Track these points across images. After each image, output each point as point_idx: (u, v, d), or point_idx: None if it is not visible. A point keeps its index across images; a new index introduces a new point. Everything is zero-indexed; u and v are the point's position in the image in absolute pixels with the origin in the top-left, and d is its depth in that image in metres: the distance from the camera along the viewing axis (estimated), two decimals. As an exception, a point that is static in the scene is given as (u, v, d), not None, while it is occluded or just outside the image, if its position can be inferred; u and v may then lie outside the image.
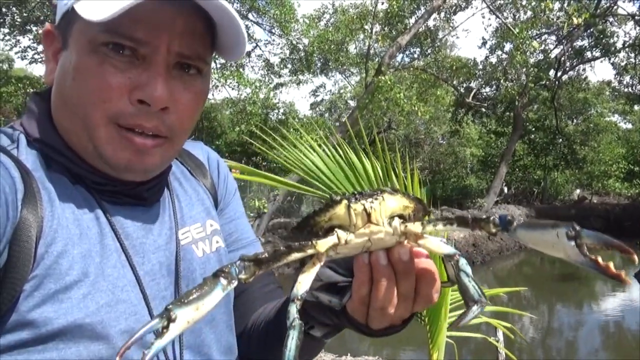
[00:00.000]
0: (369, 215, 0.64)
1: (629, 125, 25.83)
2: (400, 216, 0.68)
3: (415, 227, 0.67)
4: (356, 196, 0.65)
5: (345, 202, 0.65)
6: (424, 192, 2.49)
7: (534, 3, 13.23)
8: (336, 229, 0.66)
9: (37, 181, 0.71)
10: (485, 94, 21.04)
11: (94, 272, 0.70)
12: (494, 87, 20.45)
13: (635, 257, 0.55)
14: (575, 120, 22.14)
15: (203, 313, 0.56)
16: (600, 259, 0.57)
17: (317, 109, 26.30)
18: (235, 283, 0.58)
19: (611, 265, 0.56)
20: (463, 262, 0.66)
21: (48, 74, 0.78)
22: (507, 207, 18.05)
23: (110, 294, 0.71)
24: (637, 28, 18.08)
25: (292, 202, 16.23)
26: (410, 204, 0.69)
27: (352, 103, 23.22)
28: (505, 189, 20.87)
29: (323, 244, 0.65)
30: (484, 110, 20.72)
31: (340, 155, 2.51)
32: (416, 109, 13.10)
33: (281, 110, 19.33)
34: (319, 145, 2.68)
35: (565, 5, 15.81)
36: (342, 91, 25.11)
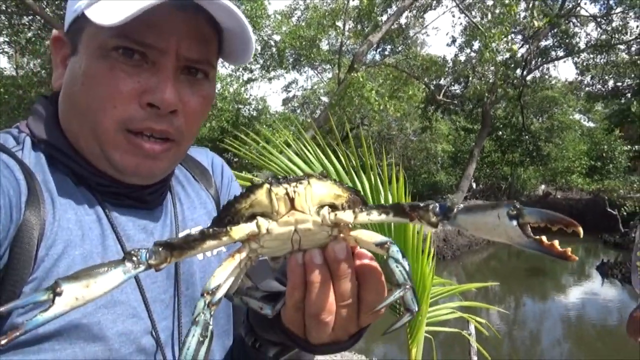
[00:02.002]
0: (292, 201, 0.58)
1: (591, 124, 26.79)
2: (332, 206, 0.61)
3: (346, 216, 0.60)
4: (279, 180, 0.59)
5: (266, 186, 0.59)
6: (401, 188, 2.51)
7: (499, 6, 13.53)
8: (257, 217, 0.60)
9: (41, 183, 0.71)
10: (454, 91, 21.44)
11: None
12: (463, 84, 20.86)
13: (580, 230, 0.52)
14: (540, 118, 22.78)
15: (96, 293, 0.51)
16: (544, 239, 0.53)
17: (290, 104, 26.25)
18: (142, 268, 0.54)
19: (556, 243, 0.52)
20: (394, 249, 0.60)
21: (56, 79, 0.78)
22: (476, 203, 18.46)
23: (109, 296, 0.69)
24: (598, 29, 18.78)
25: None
26: (343, 193, 0.62)
27: (324, 99, 23.26)
28: (474, 185, 21.34)
29: (238, 232, 0.58)
30: (453, 107, 21.11)
31: (313, 152, 2.52)
32: (388, 106, 13.23)
33: (253, 106, 19.20)
34: (293, 141, 2.68)
35: (530, 6, 16.22)
36: (315, 87, 25.12)
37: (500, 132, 21.95)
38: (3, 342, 0.47)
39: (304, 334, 0.66)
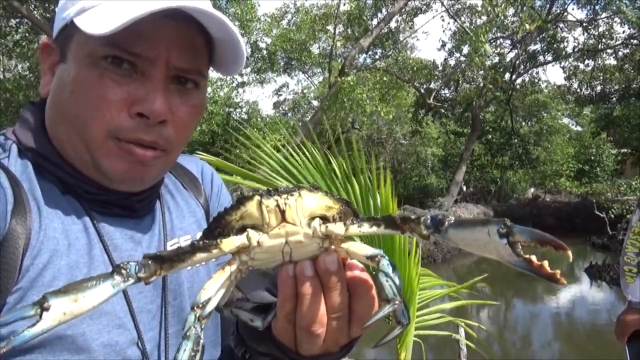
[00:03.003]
0: (283, 212, 0.58)
1: (579, 128, 27.10)
2: (323, 218, 0.61)
3: (337, 228, 0.60)
4: (270, 192, 0.59)
5: (257, 198, 0.58)
6: (389, 191, 2.52)
7: (489, 9, 13.68)
8: (248, 229, 0.59)
9: (27, 191, 0.70)
10: (444, 95, 21.59)
11: None
12: (453, 88, 21.01)
13: (569, 253, 0.52)
14: (529, 122, 23.00)
15: (85, 308, 0.50)
16: (534, 259, 0.53)
17: (281, 108, 26.24)
18: (131, 281, 0.54)
19: (546, 264, 0.52)
20: (384, 263, 0.60)
21: (44, 86, 0.78)
22: (467, 206, 18.57)
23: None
24: (585, 34, 19.02)
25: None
26: (334, 204, 0.62)
27: (315, 103, 23.28)
28: (464, 188, 21.46)
29: (228, 244, 0.58)
30: (443, 111, 21.24)
31: (305, 156, 2.51)
32: (379, 109, 13.28)
33: (244, 109, 19.18)
34: (283, 146, 2.67)
35: (519, 11, 16.42)
36: (305, 91, 25.14)
37: (490, 136, 22.12)
38: None
39: (295, 346, 0.65)
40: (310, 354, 0.65)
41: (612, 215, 13.86)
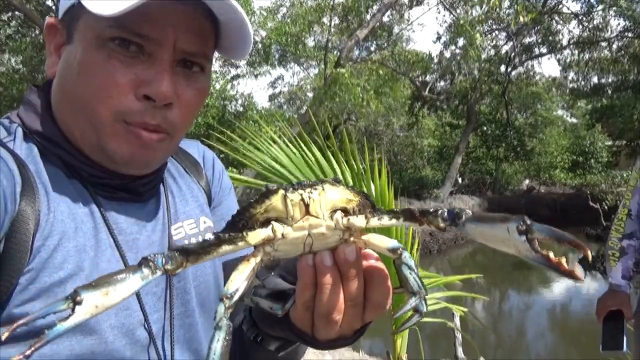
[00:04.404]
0: (307, 206, 0.60)
1: (574, 120, 27.17)
2: (344, 210, 0.63)
3: (358, 220, 0.62)
4: (294, 186, 0.60)
5: (281, 192, 0.60)
6: (386, 183, 2.54)
7: (484, 3, 13.65)
8: (272, 222, 0.61)
9: (34, 174, 0.71)
10: (440, 87, 21.58)
11: (88, 266, 0.71)
12: (449, 80, 20.99)
13: (588, 253, 0.53)
14: (524, 114, 23.03)
15: (115, 300, 0.52)
16: (552, 255, 0.54)
17: (276, 100, 26.16)
18: (159, 273, 0.56)
19: (563, 261, 0.54)
20: (406, 256, 0.63)
21: (50, 66, 0.78)
22: (462, 197, 18.65)
23: None
24: (580, 26, 19.03)
25: (250, 196, 16.09)
26: (354, 197, 0.64)
27: (311, 95, 23.22)
28: (459, 180, 21.52)
29: (254, 236, 0.60)
30: (439, 103, 21.24)
31: (300, 149, 2.52)
32: (372, 104, 13.27)
33: (239, 102, 19.10)
34: (279, 137, 2.68)
35: (514, 3, 16.39)
36: (301, 83, 25.07)
37: (485, 128, 22.15)
38: (28, 352, 0.48)
39: (312, 331, 0.67)
40: (327, 338, 0.68)
41: (606, 207, 13.94)
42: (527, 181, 23.63)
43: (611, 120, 21.04)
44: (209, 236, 0.86)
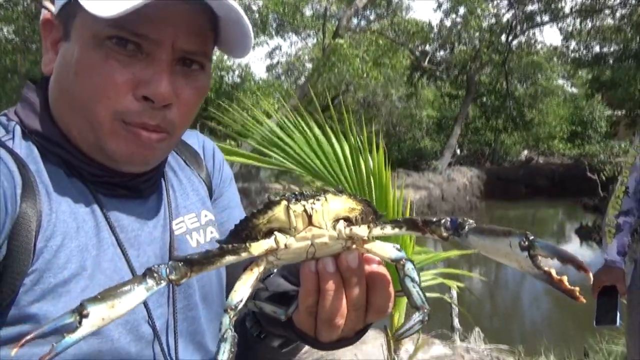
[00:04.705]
0: (310, 217, 0.60)
1: (574, 90, 26.95)
2: (347, 219, 0.63)
3: (361, 230, 0.62)
4: (297, 196, 0.60)
5: (284, 202, 0.60)
6: (381, 156, 2.53)
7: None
8: (275, 232, 0.61)
9: (34, 174, 0.70)
10: (440, 57, 21.29)
11: (91, 265, 0.71)
12: (448, 50, 20.71)
13: (590, 275, 0.53)
14: (524, 84, 22.83)
15: (121, 312, 0.53)
16: (554, 272, 0.54)
17: (274, 71, 25.84)
18: (163, 284, 0.56)
19: (565, 279, 0.54)
20: (409, 267, 0.63)
21: (46, 63, 0.76)
22: (460, 169, 18.68)
23: (106, 287, 0.71)
24: (584, -7, 18.65)
25: (250, 167, 16.10)
26: (357, 206, 0.64)
27: (309, 66, 22.93)
28: (458, 151, 21.51)
29: (257, 248, 0.60)
30: (438, 73, 21.01)
31: (297, 124, 2.49)
32: (371, 74, 13.12)
33: (237, 73, 18.87)
34: (277, 109, 2.65)
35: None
36: (299, 53, 24.71)
37: (485, 99, 22.00)
38: None
39: (314, 333, 0.68)
40: (329, 340, 0.69)
41: (604, 177, 13.99)
42: (525, 152, 23.63)
43: (611, 92, 20.88)
44: (212, 230, 0.88)
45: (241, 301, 0.60)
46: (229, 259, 0.60)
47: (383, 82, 18.06)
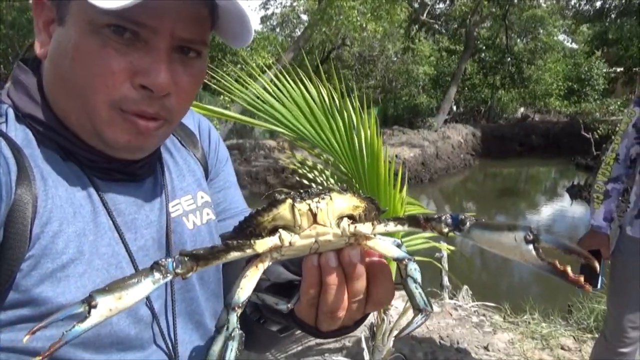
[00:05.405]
0: (314, 215, 0.60)
1: (575, 45, 26.47)
2: (350, 216, 0.64)
3: (365, 228, 0.63)
4: (302, 195, 0.61)
5: (289, 201, 0.61)
6: (375, 112, 2.50)
7: None
8: (280, 230, 0.62)
9: (29, 158, 0.69)
10: (439, 10, 20.73)
11: (88, 250, 0.71)
12: (448, 3, 20.13)
13: (596, 264, 0.54)
14: (524, 39, 22.37)
15: (128, 303, 0.54)
16: (558, 263, 0.55)
17: (268, 23, 25.14)
18: (170, 277, 0.57)
19: (568, 269, 0.54)
20: (412, 267, 0.64)
21: (40, 46, 0.73)
22: (456, 126, 18.60)
23: (105, 272, 0.71)
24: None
25: (235, 133, 15.91)
26: (360, 203, 0.65)
27: (304, 17, 22.30)
28: (454, 108, 21.33)
29: (262, 245, 0.61)
30: (437, 26, 20.53)
31: (287, 82, 2.44)
32: (368, 26, 12.77)
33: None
34: (271, 65, 2.58)
35: None
36: (294, 4, 23.96)
37: (483, 54, 21.61)
38: (47, 353, 0.50)
39: (315, 323, 0.70)
40: (330, 329, 0.71)
41: (598, 136, 14.00)
42: (521, 109, 23.49)
43: (612, 49, 20.54)
44: (209, 211, 0.88)
45: (247, 298, 0.61)
46: (234, 254, 0.61)
47: (380, 36, 17.61)
